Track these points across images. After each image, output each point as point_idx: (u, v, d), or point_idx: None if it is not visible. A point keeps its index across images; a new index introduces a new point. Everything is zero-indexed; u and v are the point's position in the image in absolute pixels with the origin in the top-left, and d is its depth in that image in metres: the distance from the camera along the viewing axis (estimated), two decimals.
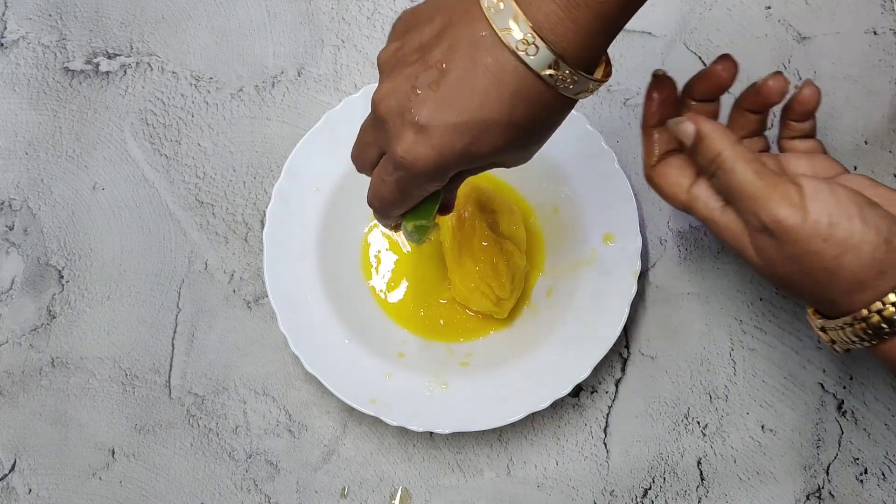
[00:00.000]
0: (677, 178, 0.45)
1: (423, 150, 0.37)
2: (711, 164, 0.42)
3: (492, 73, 0.36)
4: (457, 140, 0.36)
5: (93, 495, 0.55)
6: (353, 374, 0.53)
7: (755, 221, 0.40)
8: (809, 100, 0.46)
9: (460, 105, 0.36)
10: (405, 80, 0.37)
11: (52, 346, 0.57)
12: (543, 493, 0.54)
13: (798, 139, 0.48)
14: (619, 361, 0.56)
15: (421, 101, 0.36)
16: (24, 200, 0.60)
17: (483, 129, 0.36)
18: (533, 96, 0.36)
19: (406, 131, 0.37)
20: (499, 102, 0.36)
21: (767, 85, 0.45)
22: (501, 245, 0.53)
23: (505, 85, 0.36)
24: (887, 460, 0.54)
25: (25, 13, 0.63)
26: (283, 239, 0.55)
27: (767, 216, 0.40)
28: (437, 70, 0.36)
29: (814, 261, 0.39)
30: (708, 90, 0.46)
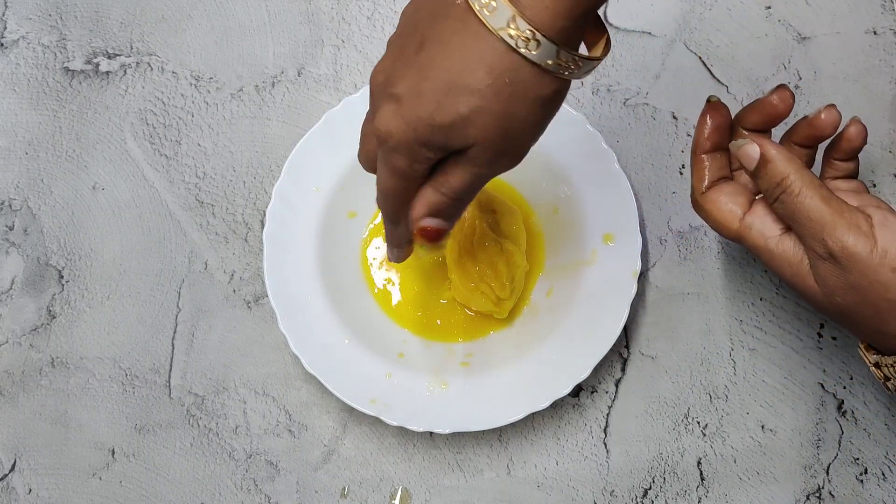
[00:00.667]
0: (729, 206, 0.44)
1: (394, 121, 0.37)
2: (776, 189, 0.41)
3: (457, 38, 0.35)
4: (422, 107, 0.36)
5: (93, 495, 0.55)
6: (353, 374, 0.53)
7: (820, 248, 0.40)
8: (856, 137, 0.45)
9: (428, 72, 0.36)
10: (393, 56, 0.38)
11: (52, 346, 0.57)
12: (543, 493, 0.54)
13: (841, 179, 0.47)
14: (619, 361, 0.56)
15: (401, 74, 0.37)
16: (24, 200, 0.60)
17: (444, 94, 0.36)
18: (495, 61, 0.35)
19: (385, 103, 0.37)
20: (460, 66, 0.35)
21: (820, 118, 0.45)
22: (501, 245, 0.53)
23: (468, 48, 0.35)
24: (887, 460, 0.54)
25: (25, 13, 0.63)
26: (283, 239, 0.55)
27: (835, 243, 0.39)
28: (418, 42, 0.37)
29: (878, 291, 0.39)
30: (761, 120, 0.46)
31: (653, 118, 0.59)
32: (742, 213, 0.44)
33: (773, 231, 0.43)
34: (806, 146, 0.46)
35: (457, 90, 0.36)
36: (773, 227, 0.43)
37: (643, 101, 0.60)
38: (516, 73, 0.36)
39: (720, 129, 0.46)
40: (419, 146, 0.37)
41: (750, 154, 0.43)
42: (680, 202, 0.58)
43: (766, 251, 0.43)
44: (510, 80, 0.36)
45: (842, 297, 0.40)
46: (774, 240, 0.42)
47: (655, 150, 0.59)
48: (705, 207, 0.46)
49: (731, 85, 0.60)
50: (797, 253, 0.42)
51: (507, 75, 0.36)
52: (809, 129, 0.45)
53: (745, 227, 0.44)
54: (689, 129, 0.59)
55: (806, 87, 0.59)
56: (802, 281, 0.42)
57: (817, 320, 0.56)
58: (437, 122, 0.36)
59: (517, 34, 0.35)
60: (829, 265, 0.40)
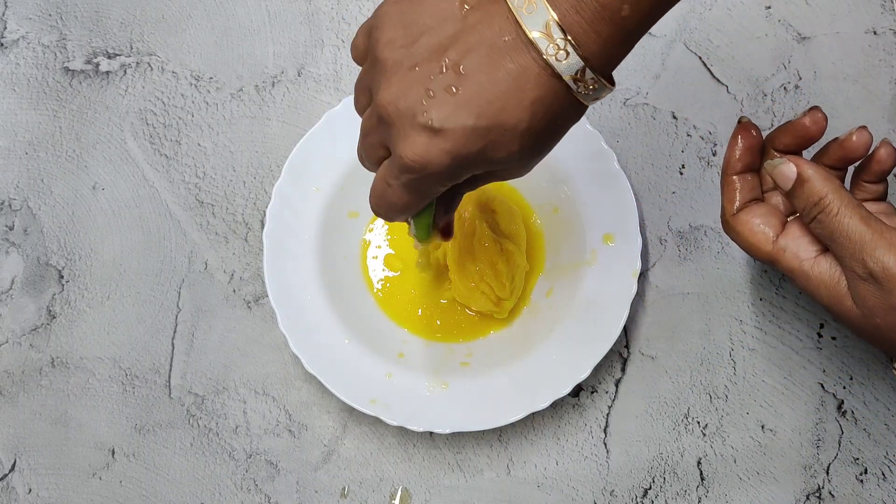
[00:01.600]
0: (762, 228, 0.44)
1: (435, 153, 0.36)
2: (814, 209, 0.41)
3: (514, 78, 0.35)
4: (472, 144, 0.35)
5: (93, 495, 0.55)
6: (353, 374, 0.53)
7: (860, 269, 0.39)
8: (886, 159, 0.45)
9: (479, 109, 0.35)
10: (418, 82, 0.36)
11: (52, 346, 0.57)
12: (543, 493, 0.54)
13: (871, 201, 0.46)
14: (619, 361, 0.56)
15: (437, 104, 0.35)
16: (24, 200, 0.60)
17: (501, 134, 0.35)
18: (553, 102, 0.35)
19: (417, 134, 0.36)
20: (520, 108, 0.35)
21: (852, 139, 0.44)
22: (502, 245, 0.53)
23: (527, 91, 0.35)
24: (887, 460, 0.54)
25: (25, 13, 0.63)
26: (283, 239, 0.55)
27: (875, 263, 0.39)
28: (455, 72, 0.35)
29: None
30: (793, 142, 0.45)
31: (653, 118, 0.59)
32: (775, 236, 0.44)
33: (808, 253, 0.42)
34: (836, 168, 0.46)
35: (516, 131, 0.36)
36: (808, 248, 0.43)
37: (643, 101, 0.60)
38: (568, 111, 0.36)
39: (752, 150, 0.45)
40: (450, 175, 0.37)
41: (786, 174, 0.42)
42: (680, 202, 0.58)
43: (801, 273, 0.42)
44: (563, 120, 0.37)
45: (882, 318, 0.39)
46: (810, 262, 0.42)
47: (655, 150, 0.59)
48: (737, 229, 0.45)
49: (731, 85, 0.60)
50: (834, 274, 0.41)
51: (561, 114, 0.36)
52: (840, 150, 0.45)
53: (779, 250, 0.43)
54: (689, 129, 0.59)
55: (806, 87, 0.59)
56: (840, 302, 0.41)
57: (817, 320, 0.56)
58: (489, 157, 0.36)
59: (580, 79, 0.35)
60: (868, 286, 0.39)
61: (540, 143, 0.37)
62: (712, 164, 0.58)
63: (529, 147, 0.36)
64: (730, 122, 0.59)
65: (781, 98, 0.59)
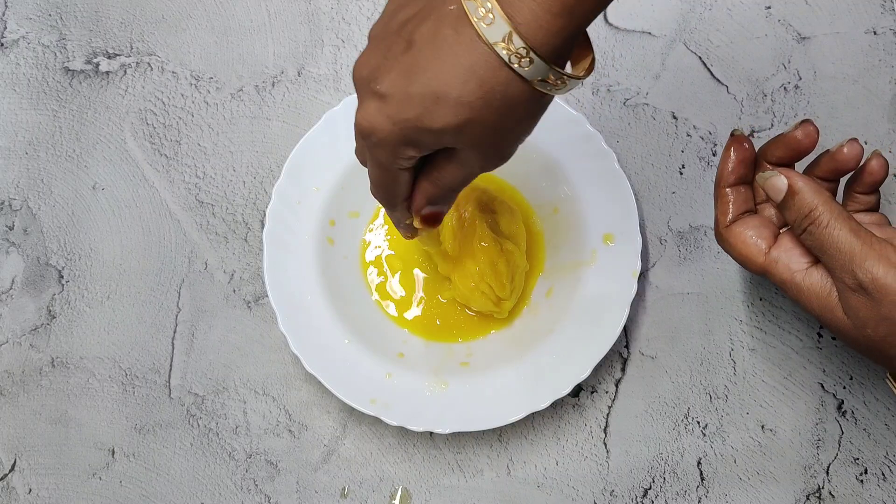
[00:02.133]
0: (755, 240, 0.44)
1: (378, 118, 0.37)
2: (804, 220, 0.41)
3: (449, 45, 0.35)
4: (409, 109, 0.36)
5: (93, 495, 0.55)
6: (353, 374, 0.53)
7: (850, 280, 0.40)
8: (878, 171, 0.45)
9: (416, 75, 0.36)
10: (380, 51, 0.37)
11: (52, 346, 0.57)
12: (543, 493, 0.54)
13: (863, 212, 0.47)
14: (619, 361, 0.56)
15: (385, 72, 0.36)
16: (24, 200, 0.60)
17: (435, 102, 0.36)
18: (488, 73, 0.35)
19: (369, 101, 0.37)
20: (452, 75, 0.35)
21: (843, 151, 0.45)
22: (501, 245, 0.53)
23: (460, 57, 0.35)
24: (887, 460, 0.54)
25: (25, 13, 0.63)
26: (283, 239, 0.55)
27: (865, 274, 0.39)
28: (407, 42, 0.36)
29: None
30: (785, 155, 0.46)
31: (653, 118, 0.59)
32: (767, 247, 0.44)
33: (799, 264, 0.43)
34: (828, 179, 0.46)
35: (447, 100, 0.36)
36: (799, 260, 0.43)
37: (643, 101, 0.60)
38: (507, 87, 0.36)
39: (745, 162, 0.46)
40: (403, 145, 0.38)
41: (777, 186, 0.43)
42: (680, 202, 0.58)
43: (792, 285, 0.43)
44: (501, 95, 0.36)
45: (873, 329, 0.40)
46: (801, 273, 0.42)
47: (655, 150, 0.59)
48: (730, 241, 0.45)
49: (731, 85, 0.60)
50: (825, 285, 0.42)
51: (498, 90, 0.36)
52: (832, 162, 0.45)
53: (771, 261, 0.43)
54: (689, 129, 0.59)
55: (806, 87, 0.59)
56: (831, 313, 0.41)
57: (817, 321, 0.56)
58: (425, 125, 0.36)
59: (512, 50, 0.35)
60: (859, 297, 0.40)
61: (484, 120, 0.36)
62: (712, 164, 0.58)
63: (471, 122, 0.36)
64: (730, 122, 0.59)
65: (781, 98, 0.59)
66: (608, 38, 0.61)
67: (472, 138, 0.37)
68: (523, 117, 0.38)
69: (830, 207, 0.41)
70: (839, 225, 0.40)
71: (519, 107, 0.37)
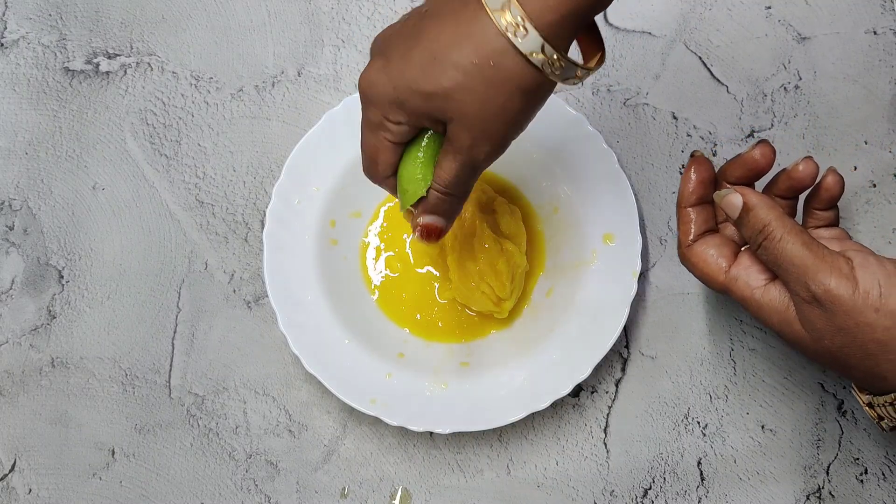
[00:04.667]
0: (716, 259, 0.45)
1: (376, 75, 0.39)
2: (759, 236, 0.42)
3: (454, 14, 0.38)
4: (406, 70, 0.38)
5: (93, 495, 0.55)
6: (353, 374, 0.53)
7: (804, 293, 0.40)
8: (833, 186, 0.46)
9: (420, 40, 0.38)
10: (400, 22, 0.40)
11: (52, 346, 0.57)
12: (543, 493, 0.54)
13: (823, 228, 0.48)
14: (619, 361, 0.56)
15: (396, 36, 0.39)
16: (24, 200, 0.60)
17: (430, 63, 0.38)
18: (483, 42, 0.37)
19: (374, 60, 0.40)
20: (451, 41, 0.37)
21: (798, 170, 0.46)
22: (502, 245, 0.53)
23: (462, 26, 0.37)
24: (887, 460, 0.54)
25: (25, 13, 0.63)
26: (283, 239, 0.55)
27: (818, 286, 0.39)
28: (420, 14, 0.39)
29: (865, 332, 0.39)
30: (744, 174, 0.47)
31: (653, 118, 0.59)
32: (727, 266, 0.45)
33: (758, 281, 0.43)
34: (787, 197, 0.48)
35: (442, 62, 0.37)
36: (758, 277, 0.43)
37: (643, 101, 0.60)
38: (502, 57, 0.37)
39: (704, 183, 0.47)
40: (395, 105, 0.39)
41: (733, 203, 0.43)
42: None
43: (752, 301, 0.43)
44: (494, 64, 0.37)
45: (830, 340, 0.40)
46: (760, 290, 0.43)
47: (655, 150, 0.59)
48: (692, 260, 0.46)
49: (731, 85, 0.60)
50: (783, 300, 0.42)
51: (492, 58, 0.37)
52: (789, 180, 0.47)
53: (731, 279, 0.44)
54: (689, 129, 0.59)
55: (806, 87, 0.59)
56: (790, 327, 0.42)
57: None
58: (419, 87, 0.38)
59: (510, 20, 0.36)
60: (814, 309, 0.40)
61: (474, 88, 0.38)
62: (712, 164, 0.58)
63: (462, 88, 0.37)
64: (730, 122, 0.59)
65: (781, 98, 0.59)
66: (608, 38, 0.61)
67: (460, 107, 0.38)
68: (515, 96, 0.38)
69: (783, 223, 0.42)
70: (792, 239, 0.41)
71: (510, 82, 0.38)
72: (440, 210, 0.42)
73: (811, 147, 0.58)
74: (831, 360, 0.41)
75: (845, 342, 0.40)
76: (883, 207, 0.57)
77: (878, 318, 0.39)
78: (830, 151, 0.58)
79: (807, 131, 0.59)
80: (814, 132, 0.59)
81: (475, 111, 0.38)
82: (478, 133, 0.39)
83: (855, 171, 0.58)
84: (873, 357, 0.39)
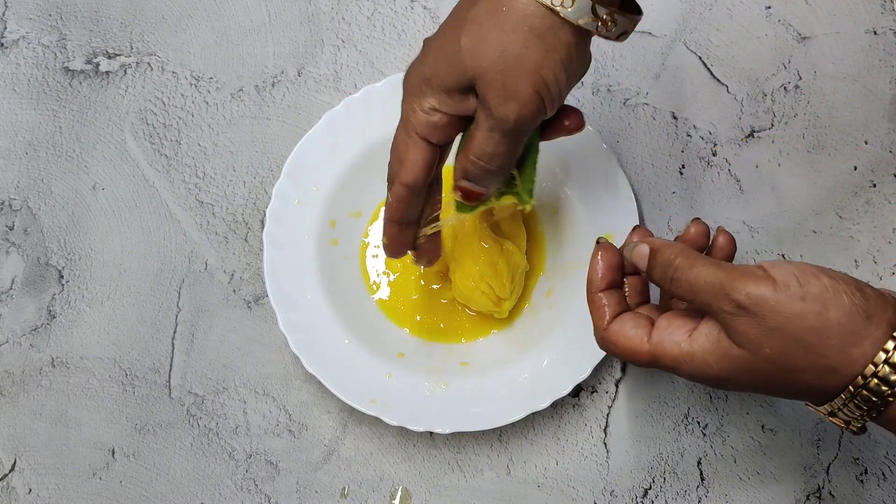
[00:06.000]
0: (635, 331, 0.44)
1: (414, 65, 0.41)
2: (669, 270, 0.42)
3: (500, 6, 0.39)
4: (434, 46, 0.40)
5: (93, 495, 0.55)
6: (353, 374, 0.53)
7: (728, 306, 0.39)
8: (726, 245, 0.47)
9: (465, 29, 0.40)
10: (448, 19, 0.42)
11: (52, 346, 0.57)
12: (543, 493, 0.54)
13: None
14: (619, 361, 0.56)
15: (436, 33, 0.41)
16: (24, 200, 0.60)
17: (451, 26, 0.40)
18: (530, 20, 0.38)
19: (421, 54, 0.42)
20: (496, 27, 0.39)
21: (690, 232, 0.47)
22: (502, 245, 0.53)
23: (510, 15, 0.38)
24: (887, 460, 0.54)
25: (25, 13, 0.63)
26: (283, 239, 0.55)
27: (738, 294, 0.39)
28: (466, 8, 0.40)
29: (799, 323, 0.38)
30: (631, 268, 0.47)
31: (653, 118, 0.59)
32: (647, 334, 0.44)
33: (682, 335, 0.42)
34: None
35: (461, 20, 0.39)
36: (680, 331, 0.42)
37: (643, 101, 0.60)
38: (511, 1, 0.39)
39: (612, 268, 0.46)
40: (425, 85, 0.40)
41: (641, 252, 0.44)
42: (680, 202, 0.58)
43: (684, 355, 0.42)
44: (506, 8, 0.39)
45: (769, 344, 0.39)
46: (686, 341, 0.42)
47: (655, 150, 0.59)
48: (611, 340, 0.45)
49: (731, 85, 0.60)
50: (712, 334, 0.41)
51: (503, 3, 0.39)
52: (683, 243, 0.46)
53: (656, 344, 0.43)
54: (689, 129, 0.59)
55: (806, 87, 0.59)
56: (728, 358, 0.40)
57: None
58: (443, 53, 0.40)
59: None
60: (743, 319, 0.39)
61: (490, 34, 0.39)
62: (712, 164, 0.58)
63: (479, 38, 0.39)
64: (730, 122, 0.59)
65: (781, 98, 0.59)
66: None
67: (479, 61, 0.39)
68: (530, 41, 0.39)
69: (688, 253, 0.42)
70: (699, 263, 0.41)
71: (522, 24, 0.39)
72: (475, 177, 0.43)
73: (811, 147, 0.58)
74: (777, 370, 0.40)
75: (783, 342, 0.39)
76: (883, 207, 0.57)
77: (806, 305, 0.38)
78: (830, 151, 0.58)
79: (807, 131, 0.59)
80: (814, 132, 0.59)
81: (492, 62, 0.39)
82: (500, 88, 0.39)
83: (855, 171, 0.58)
84: (815, 349, 0.38)
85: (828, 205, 0.58)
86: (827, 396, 0.40)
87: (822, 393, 0.40)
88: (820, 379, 0.39)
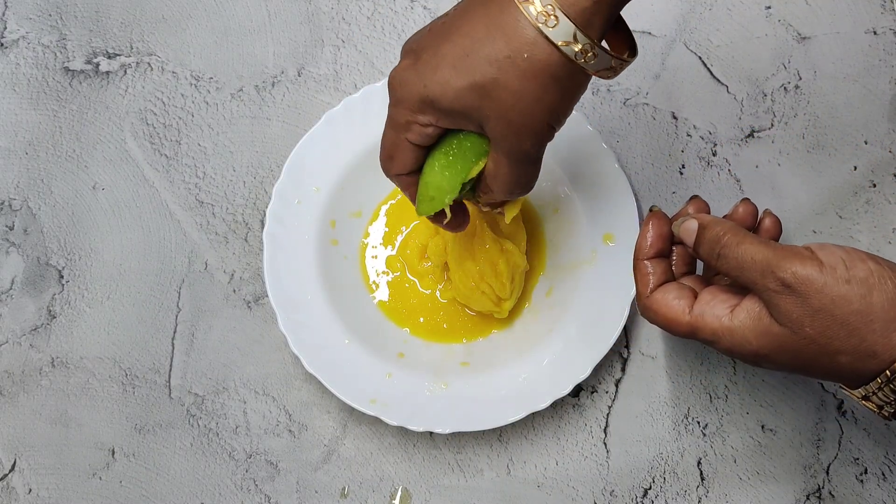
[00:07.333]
0: (677, 302, 0.44)
1: (408, 73, 0.40)
2: (716, 246, 0.42)
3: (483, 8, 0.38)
4: (440, 67, 0.39)
5: (93, 495, 0.55)
6: (353, 374, 0.53)
7: (774, 284, 0.40)
8: (772, 228, 0.48)
9: (450, 35, 0.39)
10: (429, 24, 0.41)
11: (52, 346, 0.57)
12: (543, 493, 0.54)
13: None
14: (619, 361, 0.56)
15: (426, 36, 0.40)
16: (24, 200, 0.60)
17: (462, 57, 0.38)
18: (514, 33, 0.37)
19: (404, 58, 0.41)
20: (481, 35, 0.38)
21: (738, 212, 0.47)
22: (502, 245, 0.53)
23: (492, 18, 0.38)
24: (887, 460, 0.54)
25: (25, 13, 0.63)
26: (283, 239, 0.55)
27: (785, 272, 0.39)
28: (449, 13, 0.40)
29: (843, 306, 0.39)
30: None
31: (653, 118, 0.59)
32: (689, 306, 0.44)
33: (724, 310, 0.43)
34: None
35: (474, 57, 0.38)
36: (723, 306, 0.43)
37: (643, 101, 0.60)
38: (534, 48, 0.37)
39: (662, 237, 0.47)
40: (426, 104, 0.40)
41: (690, 227, 0.44)
42: (680, 202, 0.58)
43: (724, 330, 0.42)
44: (528, 56, 0.38)
45: (810, 325, 0.39)
46: (728, 317, 0.42)
47: (655, 150, 0.59)
48: (653, 308, 0.45)
49: (731, 85, 0.60)
50: (754, 310, 0.41)
51: (525, 50, 0.37)
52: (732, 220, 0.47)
53: (697, 317, 0.43)
54: (689, 129, 0.59)
55: (806, 87, 0.59)
56: (769, 336, 0.41)
57: None
58: (451, 84, 0.39)
59: (539, 9, 0.37)
60: (787, 298, 0.40)
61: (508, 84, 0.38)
62: (712, 164, 0.58)
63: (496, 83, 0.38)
64: (730, 122, 0.59)
65: (781, 98, 0.59)
66: None
67: (497, 104, 0.39)
68: (550, 87, 0.39)
69: (737, 230, 0.42)
70: (748, 241, 0.41)
71: (544, 73, 0.38)
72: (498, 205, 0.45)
73: (811, 147, 0.58)
74: (817, 350, 0.40)
75: (826, 324, 0.39)
76: (883, 207, 0.57)
77: (851, 288, 0.39)
78: (830, 151, 0.58)
79: (807, 131, 0.59)
80: (814, 132, 0.59)
81: (511, 105, 0.39)
82: (518, 127, 0.39)
83: (855, 171, 0.58)
84: (858, 332, 0.39)
85: (828, 205, 0.58)
86: (862, 380, 0.40)
87: (858, 376, 0.40)
88: (858, 362, 0.40)
